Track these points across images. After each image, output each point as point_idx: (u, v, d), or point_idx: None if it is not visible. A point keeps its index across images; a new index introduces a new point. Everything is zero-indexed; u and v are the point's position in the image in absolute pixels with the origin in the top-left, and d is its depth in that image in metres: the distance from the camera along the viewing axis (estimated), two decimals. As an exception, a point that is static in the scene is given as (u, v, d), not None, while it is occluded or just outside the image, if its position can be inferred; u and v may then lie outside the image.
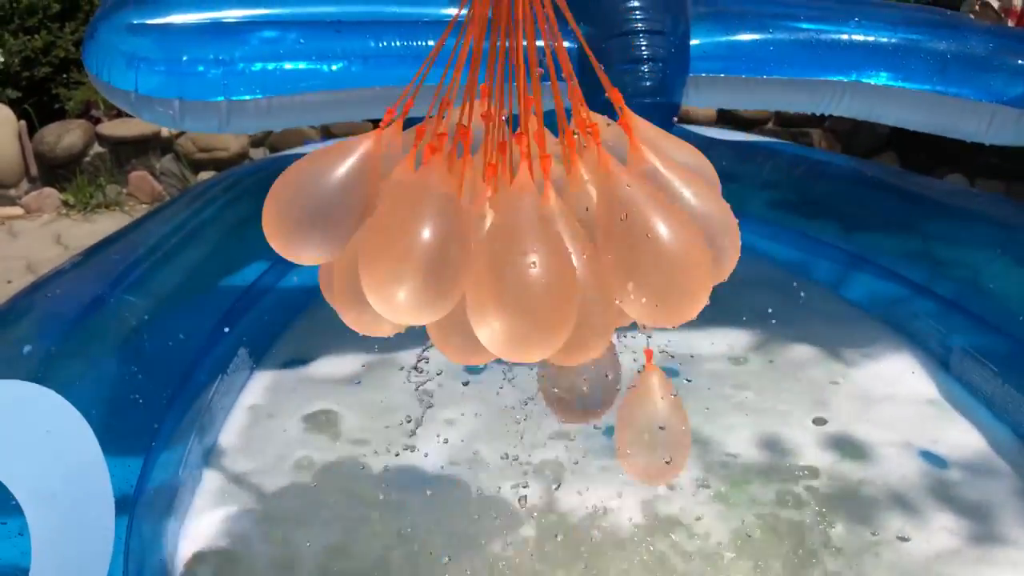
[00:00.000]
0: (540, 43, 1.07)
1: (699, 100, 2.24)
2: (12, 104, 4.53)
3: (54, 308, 1.97)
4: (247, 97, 1.92)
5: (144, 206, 4.35)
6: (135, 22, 1.94)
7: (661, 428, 1.24)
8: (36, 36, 4.71)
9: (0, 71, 4.58)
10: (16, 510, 1.36)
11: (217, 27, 1.96)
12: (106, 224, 4.14)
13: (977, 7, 4.43)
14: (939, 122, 2.26)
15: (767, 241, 2.97)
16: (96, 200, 4.28)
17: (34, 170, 4.28)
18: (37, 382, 1.64)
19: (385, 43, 1.99)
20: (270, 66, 1.94)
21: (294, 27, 1.98)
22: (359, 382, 2.27)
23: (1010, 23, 4.39)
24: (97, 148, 4.36)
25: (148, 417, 1.78)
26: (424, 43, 2.04)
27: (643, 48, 2.03)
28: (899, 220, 2.75)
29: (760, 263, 2.89)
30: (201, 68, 1.99)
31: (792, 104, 2.30)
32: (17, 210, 4.24)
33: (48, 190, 4.29)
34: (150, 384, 1.85)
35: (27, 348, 1.79)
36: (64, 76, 4.84)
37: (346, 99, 2.01)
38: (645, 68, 2.04)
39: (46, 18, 4.74)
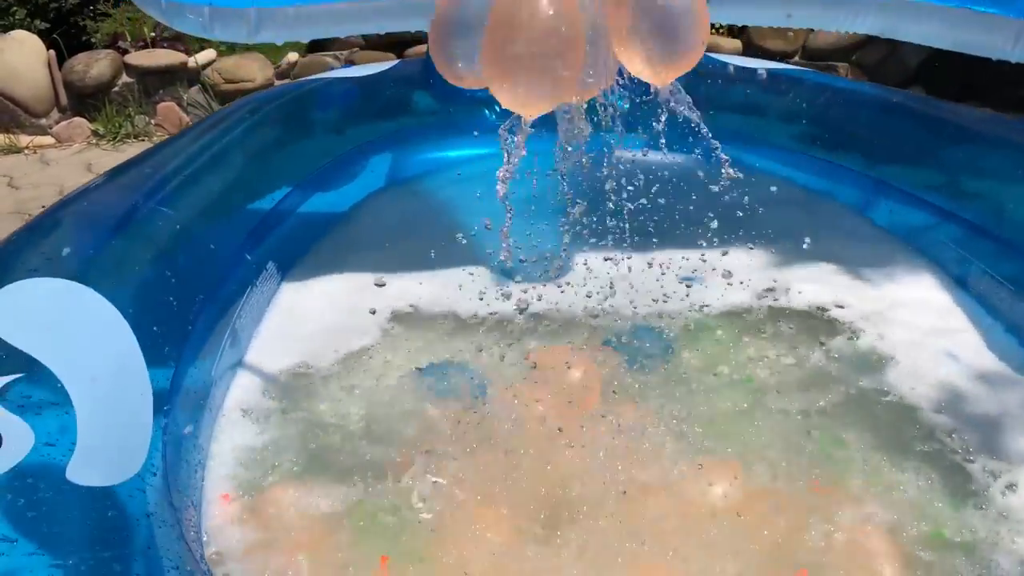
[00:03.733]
0: None
1: (723, 15, 2.23)
2: (40, 35, 4.58)
3: (90, 216, 2.05)
4: (275, 5, 1.95)
5: (172, 136, 4.41)
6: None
7: None
8: (64, -33, 4.73)
9: (29, 2, 4.62)
10: (61, 391, 1.44)
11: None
12: (135, 154, 4.20)
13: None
14: (965, 39, 2.24)
15: (792, 169, 2.99)
16: (125, 130, 4.34)
17: (64, 100, 4.33)
18: (76, 281, 1.72)
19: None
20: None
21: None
22: (383, 284, 2.40)
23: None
24: (125, 78, 4.41)
25: (181, 319, 1.85)
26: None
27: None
28: (925, 148, 2.75)
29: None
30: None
31: (816, 19, 2.29)
32: (48, 139, 4.31)
33: (78, 120, 4.35)
34: (183, 288, 1.92)
35: (66, 250, 1.86)
36: (91, 8, 4.87)
37: (371, 9, 2.04)
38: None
39: (74, -51, 4.76)
